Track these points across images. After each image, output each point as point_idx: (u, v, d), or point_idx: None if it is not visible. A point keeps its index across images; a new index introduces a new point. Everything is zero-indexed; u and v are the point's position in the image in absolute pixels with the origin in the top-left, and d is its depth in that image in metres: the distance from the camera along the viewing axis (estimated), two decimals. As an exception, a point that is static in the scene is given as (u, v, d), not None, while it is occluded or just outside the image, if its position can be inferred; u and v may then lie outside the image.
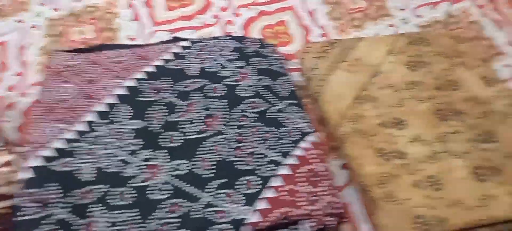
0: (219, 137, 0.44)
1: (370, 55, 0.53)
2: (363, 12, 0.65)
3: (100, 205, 0.39)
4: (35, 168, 0.40)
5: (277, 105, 0.47)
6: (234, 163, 0.43)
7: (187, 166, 0.42)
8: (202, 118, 0.45)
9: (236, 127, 0.45)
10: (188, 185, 0.41)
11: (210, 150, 0.43)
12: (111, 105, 0.46)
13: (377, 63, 0.53)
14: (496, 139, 0.46)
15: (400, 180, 0.43)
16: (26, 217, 0.37)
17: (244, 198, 0.40)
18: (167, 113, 0.46)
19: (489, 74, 0.53)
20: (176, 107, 0.46)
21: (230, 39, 0.53)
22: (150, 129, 0.44)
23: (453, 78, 0.51)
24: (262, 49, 0.53)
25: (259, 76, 0.49)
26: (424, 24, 0.63)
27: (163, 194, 0.40)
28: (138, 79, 0.48)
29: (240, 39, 0.53)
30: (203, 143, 0.44)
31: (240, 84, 0.48)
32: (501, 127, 0.47)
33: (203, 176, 0.42)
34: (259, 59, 0.51)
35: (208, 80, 0.48)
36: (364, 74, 0.52)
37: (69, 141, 0.42)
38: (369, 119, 0.47)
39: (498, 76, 0.54)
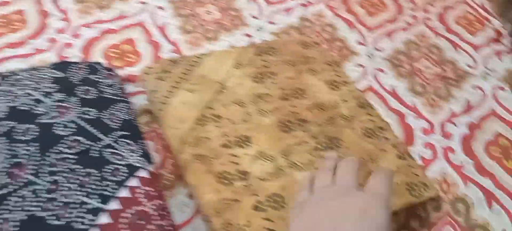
0: (27, 189, 0.37)
1: (215, 71, 0.50)
2: (217, 23, 0.62)
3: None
4: None
5: (104, 141, 0.42)
6: (46, 218, 0.36)
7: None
8: (6, 169, 0.39)
9: (48, 174, 0.39)
10: None
11: (15, 207, 0.37)
12: None
13: (222, 79, 0.50)
14: (340, 144, 0.46)
15: (240, 205, 0.40)
16: None
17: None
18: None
19: (336, 77, 0.53)
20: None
21: (52, 68, 0.47)
22: None
23: (299, 86, 0.50)
24: (92, 76, 0.47)
25: (84, 108, 0.44)
26: (278, 31, 0.62)
27: None
28: None
29: (63, 67, 0.47)
30: (7, 199, 0.37)
31: (58, 121, 0.42)
32: (345, 132, 0.47)
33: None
34: (86, 88, 0.45)
35: (17, 122, 0.41)
36: (208, 92, 0.48)
37: None
38: (211, 141, 0.44)
39: (348, 78, 0.55)
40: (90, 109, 0.44)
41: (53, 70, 0.46)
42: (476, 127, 0.54)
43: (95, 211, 0.37)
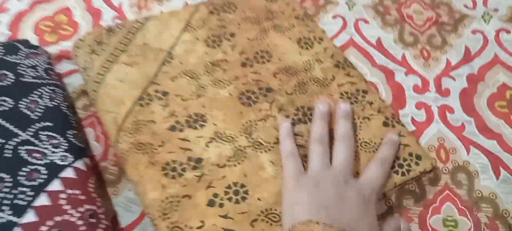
0: None
1: (160, 37, 0.42)
2: (169, -20, 0.53)
3: None
4: None
5: (21, 137, 0.34)
6: None
7: None
8: None
9: None
10: None
11: None
12: None
13: (169, 46, 0.41)
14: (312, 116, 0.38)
15: (192, 202, 0.32)
16: None
17: None
18: None
19: (308, 34, 0.44)
20: None
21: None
22: None
23: (263, 48, 0.42)
24: (9, 57, 0.39)
25: (-4, 98, 0.36)
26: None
27: None
28: None
29: (-31, 49, 0.39)
30: None
31: (-40, 117, 0.34)
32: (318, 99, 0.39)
33: None
34: (1, 72, 0.37)
35: None
36: (151, 64, 0.40)
37: None
38: (156, 125, 0.36)
39: (322, 33, 0.46)
40: (4, 98, 0.36)
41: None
42: (477, 79, 0.46)
43: (7, 227, 0.30)
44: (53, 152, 0.34)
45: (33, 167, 0.33)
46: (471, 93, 0.44)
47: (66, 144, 0.35)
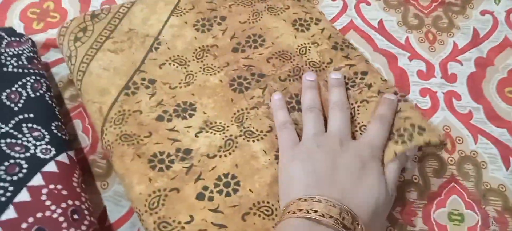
0: None
1: (147, 22, 0.40)
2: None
3: None
4: None
5: (0, 129, 0.32)
6: None
7: None
8: None
9: None
10: None
11: None
12: None
13: (155, 31, 0.39)
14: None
15: (180, 196, 0.31)
16: None
17: None
18: None
19: (304, 15, 0.42)
20: None
21: None
22: None
23: (256, 32, 0.39)
24: (-10, 45, 0.37)
25: (-25, 90, 0.34)
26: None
27: None
28: None
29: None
30: None
31: None
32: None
33: None
34: (-21, 63, 0.36)
35: None
36: (137, 50, 0.38)
37: None
38: (142, 115, 0.34)
39: (320, 15, 0.43)
40: (-15, 89, 0.35)
41: None
42: (486, 63, 0.43)
43: (-15, 226, 0.29)
44: (35, 145, 0.32)
45: (13, 161, 0.31)
46: (480, 79, 0.41)
47: (49, 137, 0.33)
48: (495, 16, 0.47)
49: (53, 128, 0.34)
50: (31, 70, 0.37)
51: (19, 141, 0.32)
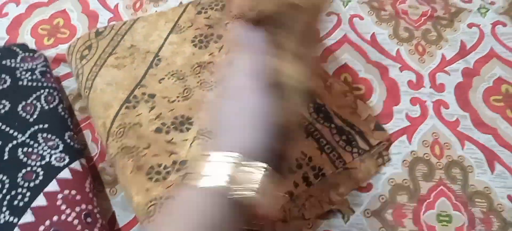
0: None
1: (148, 39, 0.42)
2: (165, -20, 0.53)
3: None
4: None
5: (17, 139, 0.35)
6: None
7: None
8: None
9: None
10: None
11: None
12: None
13: (156, 47, 0.41)
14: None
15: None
16: None
17: None
18: None
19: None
20: None
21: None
22: None
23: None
24: (7, 61, 0.39)
25: (-7, 102, 0.36)
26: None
27: None
28: None
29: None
30: None
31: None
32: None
33: None
34: (-4, 77, 0.38)
35: None
36: (138, 66, 0.40)
37: None
38: (142, 127, 0.36)
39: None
40: (2, 102, 0.37)
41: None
42: (473, 73, 0.45)
43: (6, 228, 0.31)
44: (50, 154, 0.34)
45: (30, 169, 0.33)
46: (466, 88, 0.44)
47: (63, 146, 0.35)
48: (482, 29, 0.49)
49: (66, 137, 0.36)
50: (45, 84, 0.40)
51: (35, 150, 0.35)
